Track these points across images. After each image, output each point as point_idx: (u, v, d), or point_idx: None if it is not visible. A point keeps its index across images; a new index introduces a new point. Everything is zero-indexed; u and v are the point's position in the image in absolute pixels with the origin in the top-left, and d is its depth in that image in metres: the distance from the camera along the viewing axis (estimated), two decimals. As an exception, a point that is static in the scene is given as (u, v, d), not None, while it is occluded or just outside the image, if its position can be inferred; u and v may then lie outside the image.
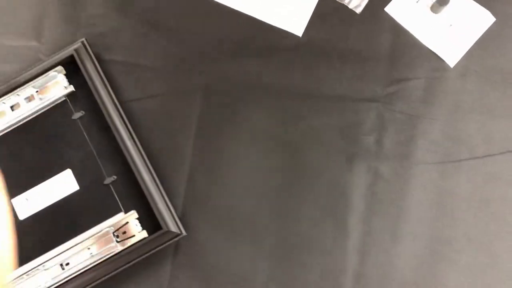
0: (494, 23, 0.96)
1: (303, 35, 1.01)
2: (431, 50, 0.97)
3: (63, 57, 0.98)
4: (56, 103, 0.99)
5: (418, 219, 0.92)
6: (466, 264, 0.90)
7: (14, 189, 0.97)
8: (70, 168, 0.97)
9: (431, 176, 0.93)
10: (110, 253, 0.92)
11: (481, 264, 0.90)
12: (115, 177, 0.96)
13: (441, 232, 0.92)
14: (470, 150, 0.94)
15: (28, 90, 0.97)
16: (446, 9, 0.97)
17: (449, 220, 0.92)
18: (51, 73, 0.97)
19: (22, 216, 0.96)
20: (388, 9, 1.00)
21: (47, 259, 0.93)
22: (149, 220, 0.94)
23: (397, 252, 0.91)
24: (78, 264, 0.92)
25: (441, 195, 0.93)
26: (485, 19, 0.96)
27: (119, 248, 0.92)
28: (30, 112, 0.97)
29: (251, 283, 0.93)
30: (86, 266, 0.91)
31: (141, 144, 0.97)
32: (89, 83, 0.97)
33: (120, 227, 0.93)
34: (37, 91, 0.97)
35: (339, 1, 1.01)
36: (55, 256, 0.93)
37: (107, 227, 0.93)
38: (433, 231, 0.92)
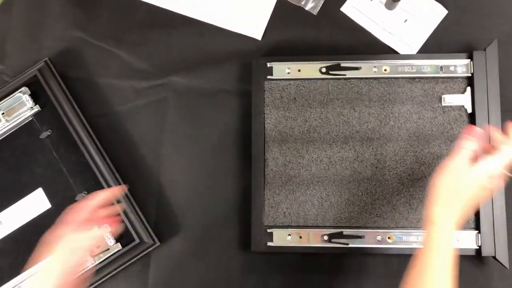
0: (446, 15, 1.01)
1: (262, 38, 1.03)
2: (388, 46, 1.01)
3: (27, 77, 0.96)
4: (23, 123, 0.97)
5: None
6: None
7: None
8: (41, 187, 0.96)
9: None
10: (85, 268, 0.91)
11: None
12: (86, 193, 0.96)
13: None
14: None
15: (-7, 113, 0.94)
16: (399, 5, 1.01)
17: None
18: (16, 94, 0.95)
19: (-5, 239, 0.94)
20: (344, 9, 1.03)
21: (22, 280, 0.92)
22: (124, 232, 0.94)
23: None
24: (55, 282, 0.90)
25: None
26: (438, 12, 1.01)
27: (94, 262, 0.92)
28: (-3, 135, 0.94)
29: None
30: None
31: (110, 158, 0.97)
32: (54, 101, 0.95)
33: (94, 242, 0.92)
34: (3, 113, 0.95)
35: (296, 4, 1.03)
36: (30, 276, 0.91)
37: (81, 242, 0.92)
38: None
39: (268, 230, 0.94)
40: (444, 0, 1.01)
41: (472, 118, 0.95)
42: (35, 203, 0.96)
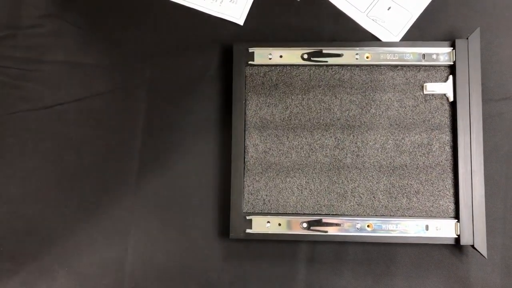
0: (430, 3, 1.00)
1: (244, 24, 1.01)
2: (371, 33, 1.00)
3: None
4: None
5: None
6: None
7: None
8: None
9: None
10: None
11: None
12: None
13: None
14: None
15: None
16: (383, -7, 1.00)
17: None
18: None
19: None
20: (327, -5, 1.02)
21: None
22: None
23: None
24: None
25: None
26: (421, 0, 1.00)
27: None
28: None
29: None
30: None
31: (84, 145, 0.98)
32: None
33: None
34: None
35: (279, -11, 1.02)
36: None
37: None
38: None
39: (247, 217, 0.93)
40: (428, -13, 1.01)
41: (453, 107, 0.94)
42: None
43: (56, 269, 0.96)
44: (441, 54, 0.95)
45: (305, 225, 0.93)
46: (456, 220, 0.92)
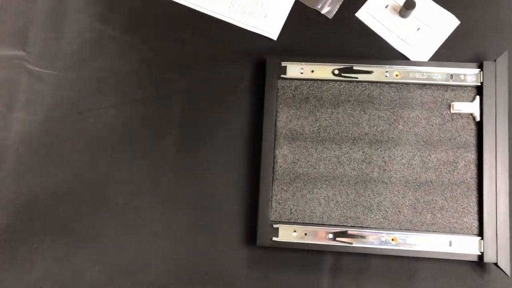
0: (459, 25, 1.03)
1: (278, 38, 1.05)
2: (400, 53, 1.03)
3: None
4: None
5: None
6: None
7: None
8: None
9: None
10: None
11: None
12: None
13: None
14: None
15: None
16: (413, 14, 1.03)
17: None
18: None
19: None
20: (359, 14, 1.05)
21: None
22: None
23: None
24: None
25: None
26: (450, 22, 1.03)
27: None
28: None
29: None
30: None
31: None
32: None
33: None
34: None
35: (312, 7, 1.06)
36: None
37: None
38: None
39: (274, 226, 0.95)
40: (457, 10, 1.03)
41: (479, 126, 0.96)
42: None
43: (87, 268, 0.98)
44: (469, 75, 0.97)
45: (330, 236, 0.94)
46: (480, 238, 0.93)
